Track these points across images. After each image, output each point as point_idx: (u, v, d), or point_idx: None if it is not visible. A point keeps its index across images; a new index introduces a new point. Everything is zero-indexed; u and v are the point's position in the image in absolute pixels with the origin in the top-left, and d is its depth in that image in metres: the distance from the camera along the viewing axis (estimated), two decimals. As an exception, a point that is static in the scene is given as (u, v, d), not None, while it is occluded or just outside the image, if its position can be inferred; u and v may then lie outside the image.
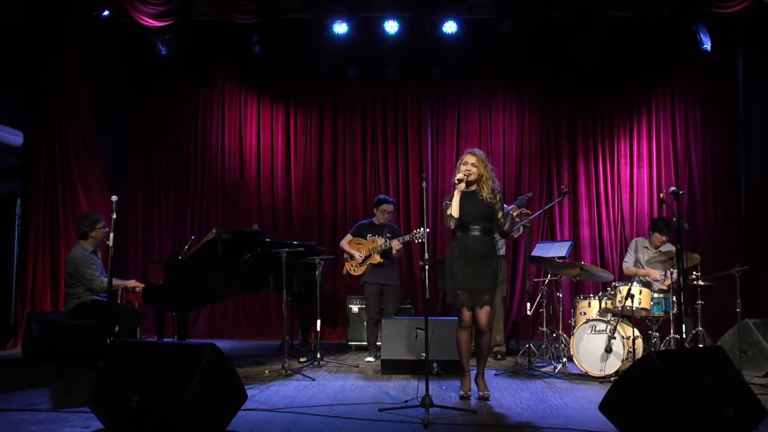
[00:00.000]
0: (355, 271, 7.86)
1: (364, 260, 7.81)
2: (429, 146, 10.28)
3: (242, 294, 8.76)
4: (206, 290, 6.80)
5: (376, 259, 7.76)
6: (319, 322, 7.34)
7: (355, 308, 9.03)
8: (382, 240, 7.79)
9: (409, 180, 10.22)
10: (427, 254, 5.50)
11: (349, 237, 8.03)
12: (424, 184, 5.61)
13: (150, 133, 10.39)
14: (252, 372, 6.81)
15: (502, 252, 7.43)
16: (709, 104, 9.72)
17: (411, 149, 10.30)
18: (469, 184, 5.67)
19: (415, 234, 7.11)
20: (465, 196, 5.65)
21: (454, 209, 5.61)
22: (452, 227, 5.63)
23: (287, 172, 10.45)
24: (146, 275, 7.11)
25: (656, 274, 7.61)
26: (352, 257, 7.88)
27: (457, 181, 5.59)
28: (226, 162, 10.40)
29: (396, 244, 7.67)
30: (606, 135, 10.17)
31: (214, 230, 7.00)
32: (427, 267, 5.36)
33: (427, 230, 6.82)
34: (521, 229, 7.92)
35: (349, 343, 8.94)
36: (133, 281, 7.06)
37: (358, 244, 7.92)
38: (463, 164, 5.69)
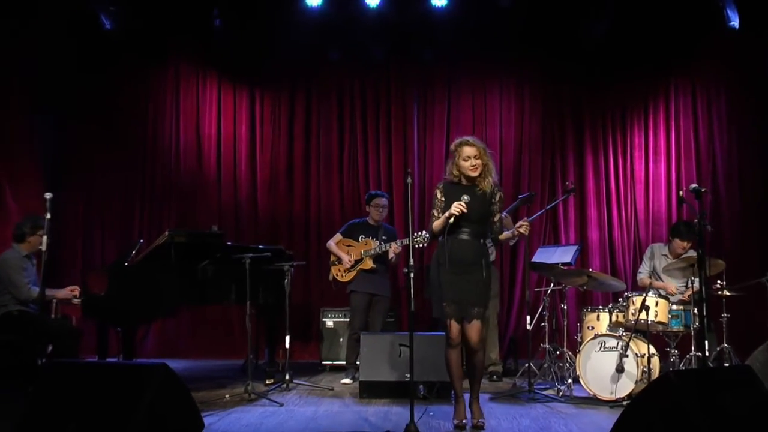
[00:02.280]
0: (342, 276, 7.85)
1: (353, 265, 7.78)
2: (415, 137, 10.27)
3: (199, 306, 8.71)
4: (157, 302, 6.76)
5: (368, 264, 7.75)
6: (288, 338, 7.29)
7: (329, 322, 8.99)
8: (376, 243, 7.78)
9: (393, 175, 10.21)
10: (412, 260, 5.47)
11: (338, 237, 8.01)
12: (409, 180, 5.58)
13: (93, 122, 10.28)
14: (210, 396, 6.75)
15: (493, 257, 7.41)
16: (736, 91, 9.75)
17: (394, 140, 10.29)
18: (470, 179, 5.61)
19: (418, 238, 7.05)
20: (457, 190, 5.57)
21: (438, 226, 5.55)
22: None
23: (252, 166, 10.42)
24: (86, 285, 7.05)
25: (673, 287, 7.62)
26: (340, 260, 7.86)
27: (449, 216, 5.43)
28: (181, 154, 10.35)
29: (394, 248, 7.65)
30: (618, 125, 10.20)
31: (167, 232, 6.96)
32: (412, 275, 5.33)
33: (428, 234, 6.82)
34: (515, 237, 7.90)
35: (323, 362, 8.91)
36: (68, 290, 6.97)
37: (348, 246, 7.90)
38: (464, 160, 5.55)
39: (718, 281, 7.21)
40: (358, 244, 7.87)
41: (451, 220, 5.43)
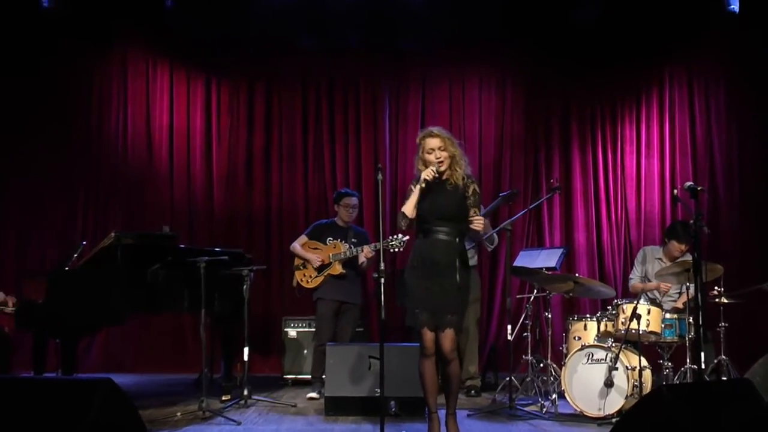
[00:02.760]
0: (308, 282, 7.83)
1: (321, 269, 7.75)
2: (386, 130, 10.27)
3: (149, 314, 8.66)
4: (101, 310, 6.71)
5: (337, 269, 7.73)
6: (246, 350, 7.26)
7: (292, 332, 8.96)
8: (346, 246, 7.76)
9: (362, 171, 10.21)
10: (382, 264, 5.46)
11: (303, 239, 8.00)
12: (380, 177, 5.57)
13: (29, 113, 10.16)
14: (160, 414, 6.70)
15: (473, 262, 7.41)
16: (736, 81, 9.82)
17: (364, 133, 10.29)
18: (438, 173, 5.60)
19: (392, 241, 7.03)
20: (429, 186, 5.56)
21: (409, 206, 5.53)
22: (404, 227, 5.58)
23: (208, 160, 10.38)
24: (22, 292, 7.00)
25: (666, 284, 7.65)
26: (305, 265, 7.82)
27: (422, 183, 5.48)
28: (129, 148, 10.27)
29: (366, 252, 7.63)
30: (607, 118, 10.25)
31: (113, 234, 6.93)
32: (383, 280, 5.32)
33: (406, 238, 6.81)
34: (495, 239, 7.91)
35: (285, 376, 8.88)
36: (1, 294, 6.91)
37: (314, 249, 7.89)
38: (428, 153, 5.59)
39: (716, 287, 7.25)
40: (325, 247, 7.85)
41: (423, 184, 5.47)
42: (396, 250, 7.02)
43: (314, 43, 10.20)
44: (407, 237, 6.88)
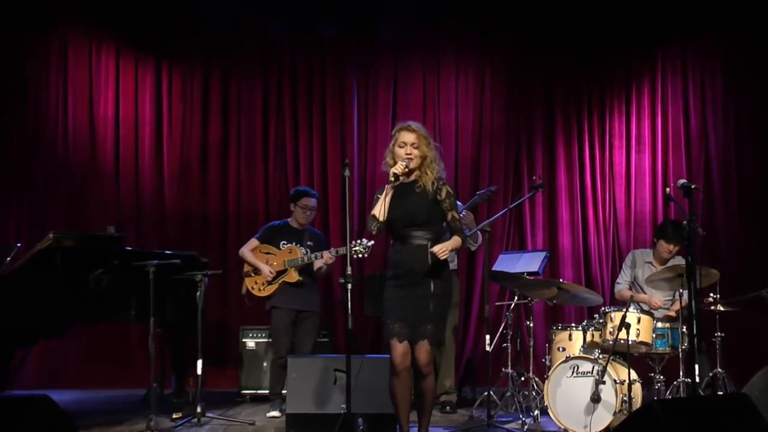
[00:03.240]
0: (261, 290, 7.79)
1: (275, 277, 7.72)
2: (355, 121, 10.28)
3: (92, 324, 8.56)
4: (38, 320, 6.67)
5: (293, 276, 7.69)
6: (200, 362, 7.24)
7: (251, 343, 8.94)
8: (303, 250, 7.73)
9: (327, 166, 10.21)
10: (350, 268, 5.45)
11: (254, 243, 7.94)
12: (347, 173, 5.57)
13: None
14: (104, 434, 6.63)
15: (453, 265, 7.41)
16: (734, 70, 9.83)
17: (330, 126, 10.29)
18: (408, 172, 5.61)
19: (356, 246, 6.96)
20: (398, 190, 5.59)
21: (379, 208, 5.55)
22: (374, 232, 5.59)
23: (158, 154, 10.32)
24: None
25: (658, 299, 7.70)
26: (257, 271, 7.78)
27: (392, 176, 5.52)
28: (70, 140, 10.17)
29: (327, 257, 7.58)
30: (595, 110, 10.31)
31: (52, 235, 6.86)
32: (349, 286, 5.30)
33: (371, 243, 6.78)
34: (479, 237, 7.91)
35: (243, 391, 8.87)
36: None
37: (267, 254, 7.83)
38: (399, 146, 5.61)
39: (711, 294, 7.27)
40: (279, 251, 7.80)
41: (394, 179, 5.49)
42: (360, 256, 6.95)
43: (277, 26, 10.18)
44: (372, 242, 6.86)
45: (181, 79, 10.40)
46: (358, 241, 6.84)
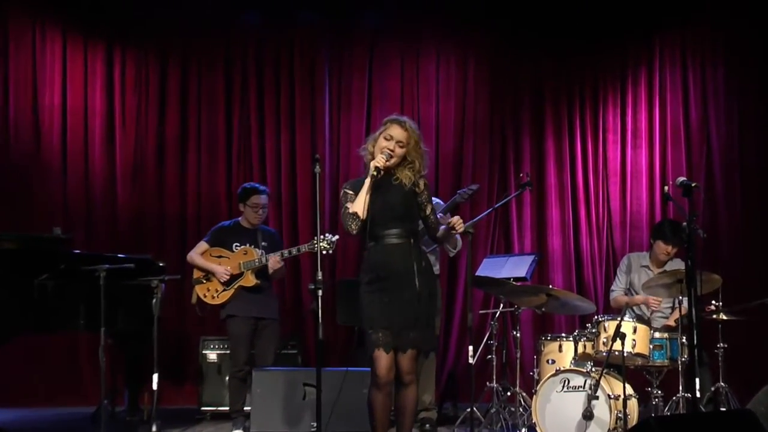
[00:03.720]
0: (214, 298, 7.72)
1: (230, 282, 7.68)
2: (326, 114, 10.28)
3: (36, 335, 8.51)
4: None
5: (250, 280, 7.64)
6: (156, 377, 7.20)
7: (212, 355, 8.91)
8: (259, 252, 7.70)
9: (296, 162, 10.21)
10: (320, 273, 5.42)
11: (203, 246, 7.88)
12: (317, 169, 5.55)
13: None
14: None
15: (435, 270, 7.39)
16: (738, 59, 9.89)
17: (299, 118, 10.28)
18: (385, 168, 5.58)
19: (322, 242, 6.90)
20: (375, 186, 5.54)
21: (359, 204, 5.50)
22: (354, 231, 5.50)
23: (110, 147, 10.28)
24: None
25: (655, 299, 7.70)
26: (209, 277, 7.74)
27: (374, 170, 5.47)
28: (11, 133, 10.09)
29: (274, 261, 7.53)
30: (587, 102, 10.33)
31: (-9, 236, 6.80)
32: (320, 293, 5.28)
33: (336, 237, 6.76)
34: (458, 241, 7.89)
35: (203, 408, 8.83)
36: None
37: (219, 257, 7.78)
38: (385, 138, 5.57)
39: (713, 302, 7.29)
40: (233, 254, 7.73)
41: (377, 173, 5.43)
42: (324, 252, 6.88)
43: (240, 11, 10.17)
44: (336, 236, 6.84)
45: (135, 66, 10.35)
46: (321, 237, 6.79)
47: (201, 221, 10.07)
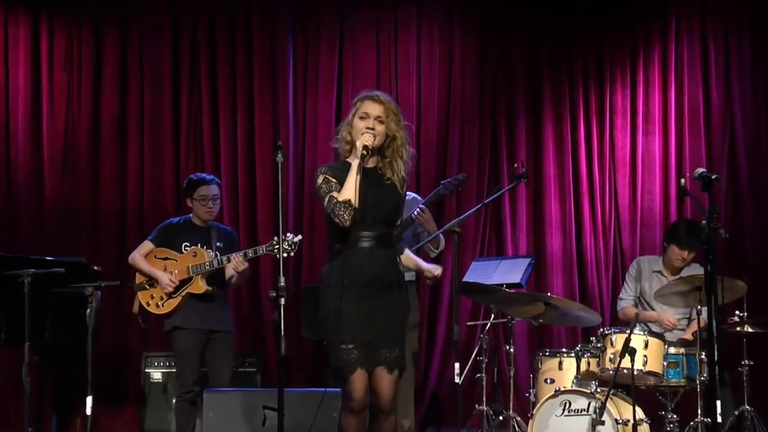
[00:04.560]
0: (158, 307, 7.70)
1: (177, 289, 7.66)
2: (290, 92, 10.27)
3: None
4: None
5: (200, 286, 7.60)
6: (90, 399, 7.15)
7: (156, 374, 8.91)
8: (211, 253, 7.69)
9: (255, 149, 10.20)
10: (282, 279, 5.42)
11: (147, 246, 7.86)
12: (280, 158, 5.53)
13: None
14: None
15: (410, 276, 7.38)
16: (766, 31, 9.97)
17: (258, 98, 10.27)
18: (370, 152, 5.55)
19: (279, 244, 6.89)
20: (365, 175, 5.47)
21: (351, 190, 5.39)
22: (348, 223, 5.41)
23: (35, 132, 10.21)
24: None
25: (670, 317, 7.75)
26: (152, 282, 7.73)
27: (363, 149, 5.40)
28: None
29: (237, 261, 7.48)
30: (592, 81, 10.36)
31: None
32: (282, 301, 5.28)
33: (298, 238, 6.75)
34: (441, 240, 7.90)
35: (146, 435, 8.81)
36: None
37: (165, 259, 7.76)
38: (360, 117, 5.52)
39: (737, 312, 7.35)
40: (181, 255, 7.71)
41: (366, 153, 5.39)
42: (285, 255, 6.87)
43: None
44: (299, 237, 6.83)
45: (65, 38, 10.28)
46: (286, 236, 6.78)
47: (144, 218, 10.03)
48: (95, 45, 10.29)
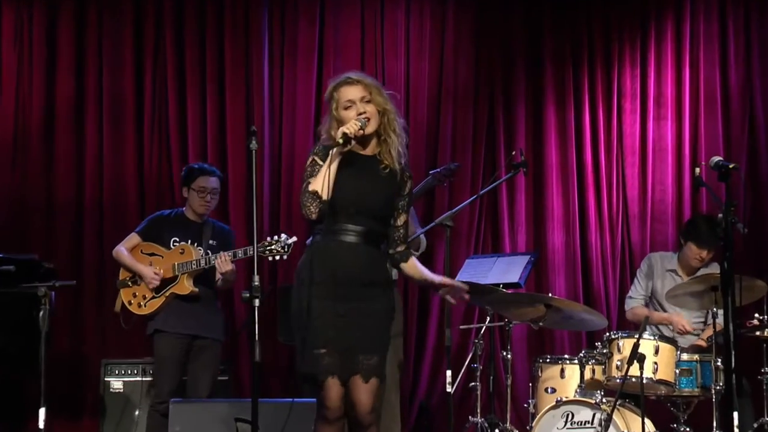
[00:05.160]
0: (140, 307, 7.73)
1: (161, 288, 7.68)
2: (265, 74, 10.28)
3: None
4: None
5: (185, 287, 7.63)
6: (43, 411, 7.16)
7: (117, 383, 8.87)
8: (201, 251, 7.71)
9: (226, 136, 10.20)
10: (257, 278, 5.43)
11: (134, 239, 7.90)
12: (254, 145, 5.53)
13: None
14: None
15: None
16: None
17: (230, 79, 10.27)
18: (365, 141, 5.54)
19: (270, 245, 6.91)
20: (348, 163, 5.48)
21: (320, 182, 5.42)
22: (314, 216, 5.44)
23: (-20, 118, 10.21)
24: None
25: (685, 322, 7.77)
26: (135, 280, 7.75)
27: (341, 137, 5.42)
28: None
29: (221, 262, 7.50)
30: (598, 61, 10.36)
31: None
32: (256, 303, 5.29)
33: (293, 239, 6.75)
34: (423, 241, 7.92)
35: (105, 451, 8.82)
36: None
37: (152, 255, 7.78)
38: (345, 107, 5.51)
39: (756, 315, 7.34)
40: (168, 252, 7.75)
41: (344, 142, 5.33)
42: (278, 257, 6.92)
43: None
44: (294, 239, 6.84)
45: (14, 13, 10.26)
46: (275, 238, 6.79)
47: (103, 211, 10.02)
48: (48, 20, 10.25)
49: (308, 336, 5.43)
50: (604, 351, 7.15)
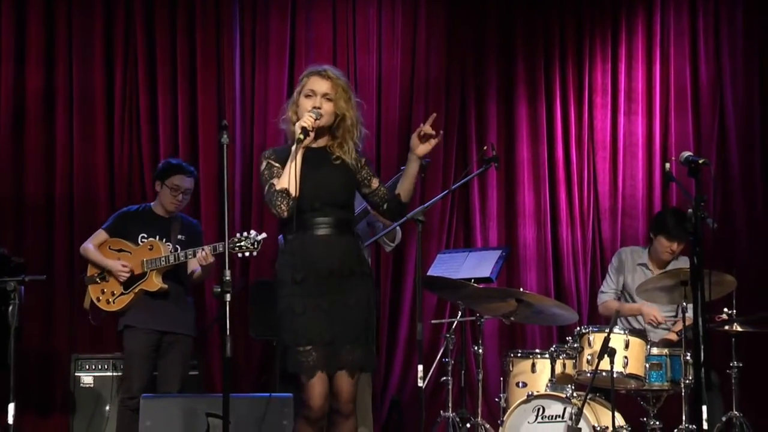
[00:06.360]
0: (109, 303, 7.70)
1: (130, 285, 7.67)
2: (236, 68, 10.25)
3: None
4: None
5: (154, 283, 7.60)
6: (12, 407, 7.13)
7: (87, 378, 8.86)
8: (169, 246, 7.70)
9: (197, 131, 10.16)
10: (228, 273, 5.44)
11: (101, 236, 7.87)
12: (225, 139, 5.54)
13: None
14: None
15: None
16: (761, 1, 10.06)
17: (201, 72, 10.23)
18: (316, 133, 5.59)
19: (240, 241, 6.91)
20: (307, 157, 5.51)
21: (287, 179, 5.46)
22: (285, 214, 5.44)
23: (-52, 111, 10.15)
24: None
25: (655, 311, 7.81)
26: (103, 276, 7.74)
27: (300, 132, 5.44)
28: None
29: (202, 257, 7.42)
30: (569, 55, 10.40)
31: None
32: (228, 297, 5.30)
33: (262, 236, 6.76)
34: (398, 233, 7.95)
35: (75, 446, 8.81)
36: None
37: (120, 251, 7.75)
38: (306, 95, 5.55)
39: (725, 309, 7.42)
40: (136, 248, 7.72)
41: (303, 136, 5.36)
42: (247, 254, 6.90)
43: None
44: (264, 235, 6.84)
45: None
46: (244, 234, 6.80)
47: (73, 206, 9.96)
48: (16, 11, 10.17)
49: (293, 335, 5.42)
50: (575, 345, 7.19)
